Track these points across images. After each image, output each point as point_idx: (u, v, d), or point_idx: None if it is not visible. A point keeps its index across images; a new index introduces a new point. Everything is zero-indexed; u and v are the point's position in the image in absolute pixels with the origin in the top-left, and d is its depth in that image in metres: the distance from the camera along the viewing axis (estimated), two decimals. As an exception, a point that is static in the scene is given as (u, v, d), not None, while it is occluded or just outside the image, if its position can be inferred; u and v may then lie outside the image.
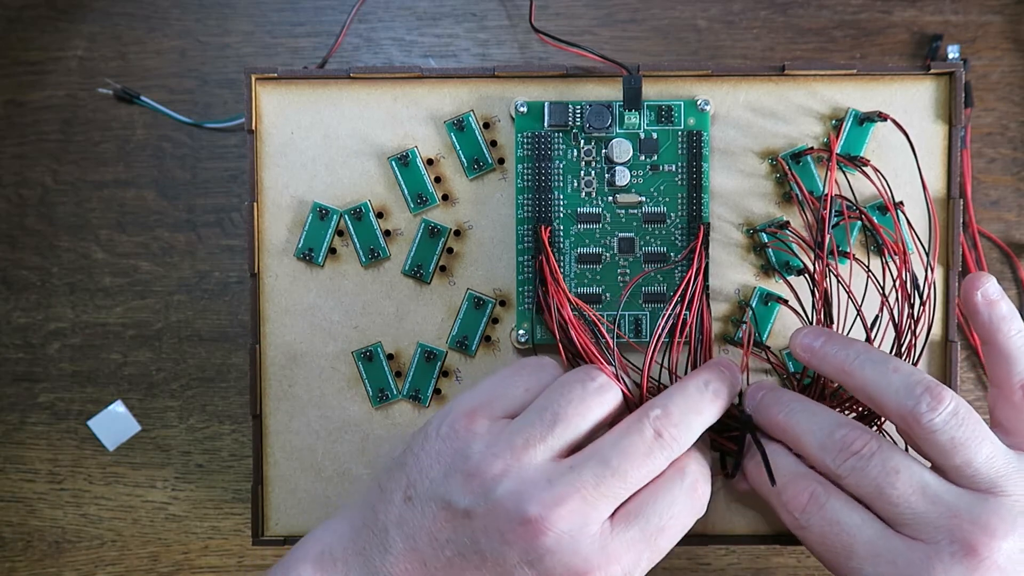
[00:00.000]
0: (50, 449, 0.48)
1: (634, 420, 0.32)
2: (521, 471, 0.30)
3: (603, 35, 0.49)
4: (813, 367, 0.34)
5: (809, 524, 0.31)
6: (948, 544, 0.29)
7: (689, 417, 0.32)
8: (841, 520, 0.31)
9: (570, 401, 0.32)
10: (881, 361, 0.32)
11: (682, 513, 0.31)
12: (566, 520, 0.29)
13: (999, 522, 0.29)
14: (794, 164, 0.39)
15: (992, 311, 0.33)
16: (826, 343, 0.33)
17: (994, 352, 0.33)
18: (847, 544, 0.31)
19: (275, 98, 0.40)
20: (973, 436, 0.30)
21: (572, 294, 0.39)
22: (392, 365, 0.40)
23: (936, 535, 0.29)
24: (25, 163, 0.49)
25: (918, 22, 0.48)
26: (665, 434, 0.31)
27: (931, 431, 0.30)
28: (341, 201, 0.40)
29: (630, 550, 0.30)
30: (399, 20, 0.49)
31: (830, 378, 0.34)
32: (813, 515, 0.31)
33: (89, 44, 0.49)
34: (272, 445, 0.40)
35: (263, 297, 0.40)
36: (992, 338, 0.33)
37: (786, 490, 0.32)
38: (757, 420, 0.34)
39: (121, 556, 0.48)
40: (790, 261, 0.39)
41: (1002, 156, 0.48)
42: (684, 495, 0.31)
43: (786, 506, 0.32)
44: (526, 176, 0.39)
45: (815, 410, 0.33)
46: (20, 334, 0.49)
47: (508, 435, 0.31)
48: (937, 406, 0.30)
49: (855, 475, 0.31)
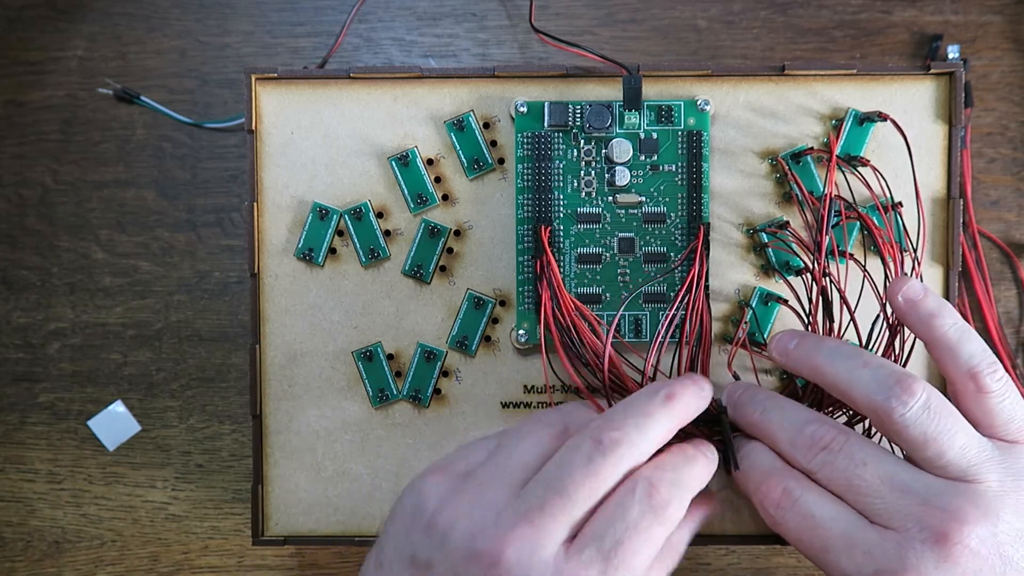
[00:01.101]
0: (50, 449, 0.48)
1: (576, 435, 0.31)
2: (473, 511, 0.30)
3: (603, 35, 0.49)
4: (789, 369, 0.34)
5: (784, 520, 0.32)
6: (918, 532, 0.29)
7: (634, 421, 0.31)
8: (815, 514, 0.31)
9: (520, 439, 0.32)
10: (851, 356, 0.32)
11: (639, 523, 0.29)
12: (516, 549, 0.29)
13: (971, 508, 0.29)
14: (794, 164, 0.39)
15: (919, 310, 0.32)
16: (799, 344, 0.34)
17: (935, 349, 0.32)
18: (823, 537, 0.31)
19: (275, 98, 0.40)
20: (945, 429, 0.30)
21: (572, 294, 0.39)
22: (392, 365, 0.40)
23: (906, 523, 0.29)
24: (25, 163, 0.49)
25: (918, 22, 0.48)
26: (605, 439, 0.30)
27: (903, 426, 0.30)
28: (341, 201, 0.40)
29: (587, 571, 0.29)
30: (399, 20, 0.49)
31: (805, 378, 0.34)
32: (787, 511, 0.31)
33: (89, 44, 0.49)
34: (272, 445, 0.40)
35: (263, 297, 0.40)
36: (929, 335, 0.32)
37: (760, 487, 0.32)
38: (735, 420, 0.35)
39: (121, 556, 0.48)
40: (790, 261, 0.39)
41: (1002, 156, 0.48)
42: (638, 504, 0.29)
43: (761, 503, 0.32)
44: (526, 176, 0.39)
45: (787, 407, 0.33)
46: (20, 334, 0.49)
47: (463, 482, 0.31)
48: (908, 400, 0.30)
49: (825, 469, 0.31)
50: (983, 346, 0.32)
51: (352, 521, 0.40)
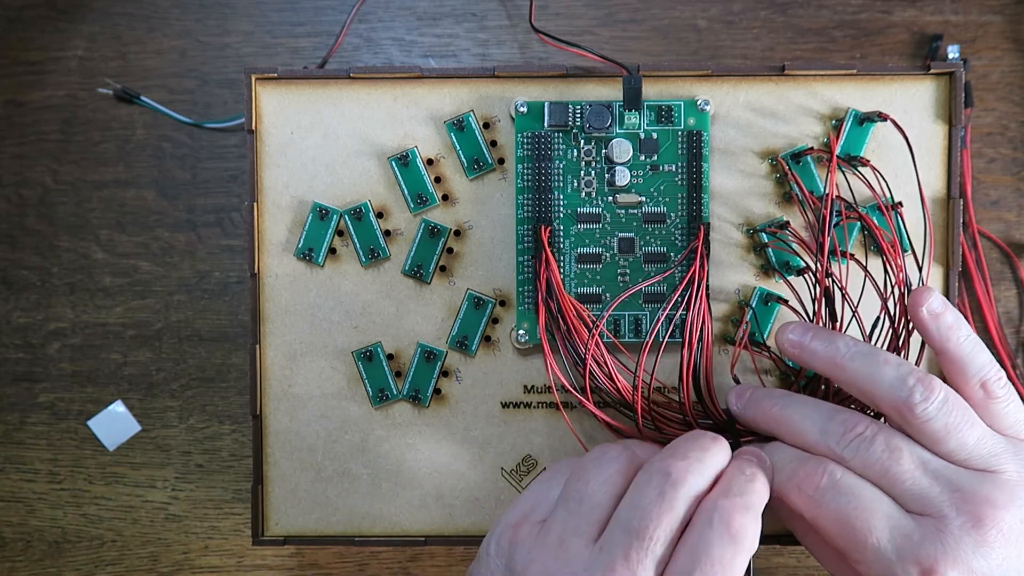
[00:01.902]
0: (50, 449, 0.48)
1: (642, 473, 0.32)
2: (559, 568, 0.30)
3: (603, 35, 0.49)
4: (802, 362, 0.34)
5: (827, 502, 0.31)
6: (956, 517, 0.30)
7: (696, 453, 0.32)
8: (860, 494, 0.31)
9: (587, 481, 0.32)
10: (871, 354, 0.32)
11: (723, 557, 0.30)
12: None
13: (999, 494, 0.30)
14: (794, 164, 0.39)
15: (939, 323, 0.33)
16: (814, 338, 0.34)
17: (948, 360, 0.33)
18: (866, 519, 0.31)
19: (275, 98, 0.40)
20: (964, 421, 0.31)
21: (572, 294, 0.39)
22: (392, 365, 0.40)
23: (943, 509, 0.30)
24: (25, 163, 0.49)
25: (918, 22, 0.48)
26: (673, 471, 0.31)
27: (926, 419, 0.31)
28: (341, 201, 0.40)
29: None
30: (399, 20, 0.49)
31: (820, 372, 0.34)
32: (828, 492, 0.31)
33: (89, 44, 0.49)
34: (272, 445, 0.40)
35: (263, 297, 0.40)
36: (944, 347, 0.33)
37: (798, 474, 0.32)
38: (747, 415, 0.35)
39: (121, 556, 0.48)
40: (790, 261, 0.39)
41: (1002, 156, 0.48)
42: (717, 536, 0.30)
43: (799, 486, 0.32)
44: (526, 176, 0.39)
45: (808, 401, 0.34)
46: (20, 334, 0.49)
47: (543, 535, 0.32)
48: (929, 395, 0.31)
49: (860, 456, 0.31)
50: (990, 356, 0.33)
51: (352, 521, 0.40)
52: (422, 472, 0.40)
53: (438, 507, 0.40)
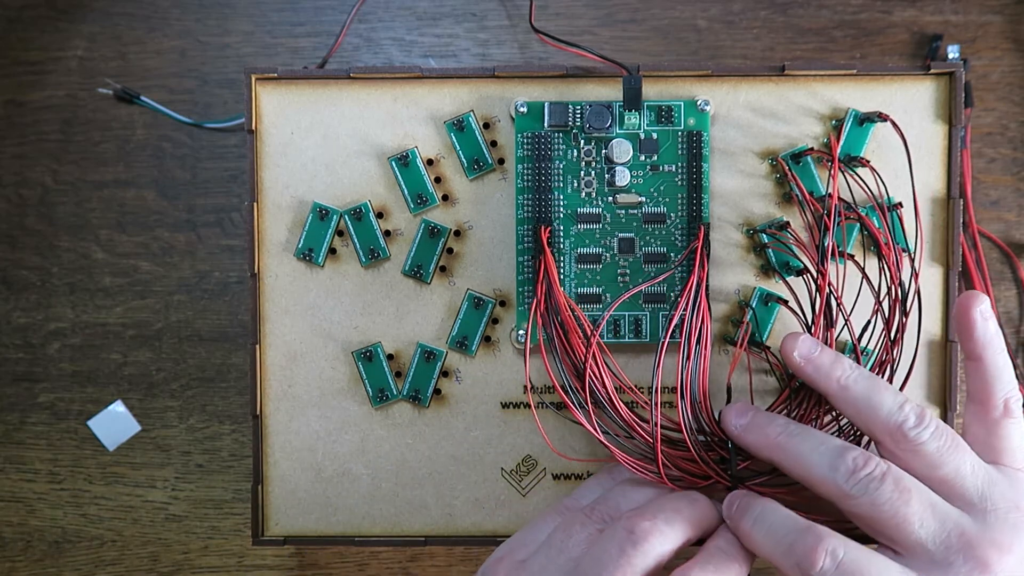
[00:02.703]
0: (50, 449, 0.48)
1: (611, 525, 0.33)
2: None
3: (603, 35, 0.49)
4: (805, 376, 0.34)
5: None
6: (963, 563, 0.30)
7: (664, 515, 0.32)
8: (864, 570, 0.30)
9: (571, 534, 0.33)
10: (872, 379, 0.33)
11: None
12: None
13: (1003, 537, 0.30)
14: (794, 164, 0.39)
15: (986, 329, 0.34)
16: (822, 353, 0.34)
17: (980, 368, 0.34)
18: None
19: (275, 98, 0.40)
20: (956, 449, 0.31)
21: (572, 295, 0.39)
22: (392, 365, 0.40)
23: (949, 555, 0.30)
24: (25, 163, 0.49)
25: (918, 22, 0.48)
26: (636, 530, 0.31)
27: (919, 443, 0.31)
28: (341, 201, 0.40)
29: None
30: (399, 20, 0.49)
31: (820, 389, 0.34)
32: (830, 572, 0.30)
33: (89, 44, 0.49)
34: (272, 445, 0.40)
35: (263, 297, 0.40)
36: (982, 355, 0.34)
37: (795, 549, 0.31)
38: (748, 439, 0.34)
39: (121, 556, 0.48)
40: (790, 261, 0.39)
41: (1002, 156, 0.48)
42: None
43: (799, 565, 0.30)
44: (526, 176, 0.39)
45: (815, 433, 0.33)
46: (20, 334, 0.49)
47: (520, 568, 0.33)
48: (921, 421, 0.31)
49: (870, 495, 0.30)
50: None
51: (352, 521, 0.40)
52: (422, 472, 0.40)
53: (438, 507, 0.40)
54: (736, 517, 0.33)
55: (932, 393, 0.40)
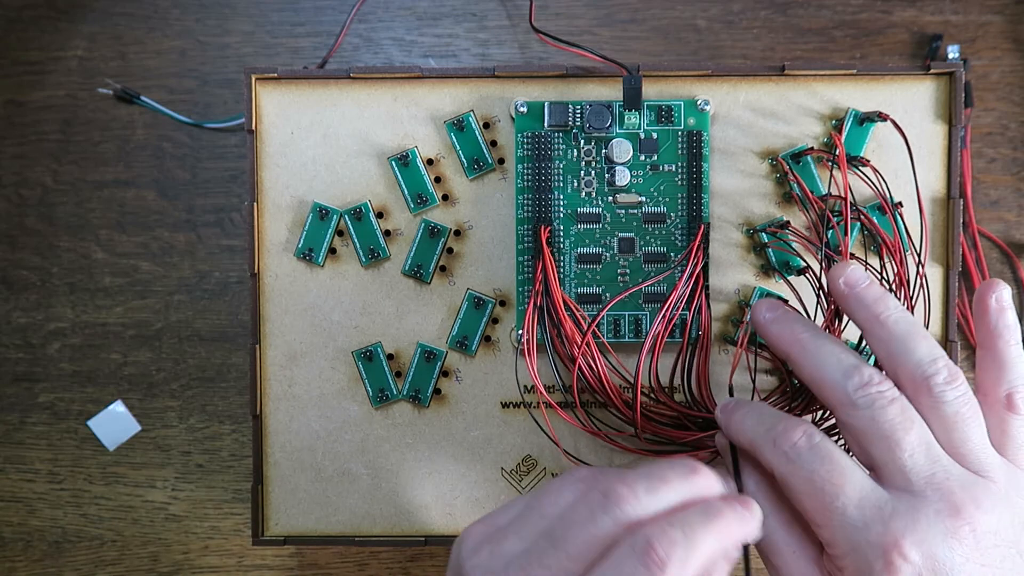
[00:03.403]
0: (50, 449, 0.48)
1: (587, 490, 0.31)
2: (490, 561, 0.30)
3: (603, 35, 0.49)
4: (847, 305, 0.33)
5: (799, 460, 0.30)
6: (936, 501, 0.29)
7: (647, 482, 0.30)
8: (836, 459, 0.30)
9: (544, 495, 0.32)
10: (914, 323, 0.32)
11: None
12: None
13: (985, 499, 0.30)
14: (794, 164, 0.39)
15: (1000, 317, 0.33)
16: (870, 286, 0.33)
17: (989, 358, 0.33)
18: (836, 483, 0.30)
19: (275, 98, 0.40)
20: (973, 417, 0.31)
21: (572, 294, 0.39)
22: (392, 365, 0.40)
23: (926, 490, 0.30)
24: (25, 163, 0.49)
25: (918, 22, 0.48)
26: (612, 494, 0.29)
27: (940, 401, 0.31)
28: (341, 201, 0.40)
29: None
30: (399, 20, 0.49)
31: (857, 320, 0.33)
32: (804, 451, 0.31)
33: (89, 44, 0.49)
34: (272, 445, 0.40)
35: (263, 297, 0.40)
36: (992, 344, 0.33)
37: (775, 427, 0.31)
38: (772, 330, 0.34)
39: (121, 556, 0.48)
40: (790, 261, 0.39)
41: (1002, 156, 0.48)
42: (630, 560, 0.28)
43: (775, 440, 0.31)
44: (526, 176, 0.39)
45: (840, 343, 0.33)
46: (20, 334, 0.49)
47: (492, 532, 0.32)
48: (952, 381, 0.31)
49: (873, 411, 0.30)
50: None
51: (352, 521, 0.40)
52: (422, 472, 0.40)
53: (438, 507, 0.40)
54: (731, 410, 0.33)
55: (932, 393, 0.40)
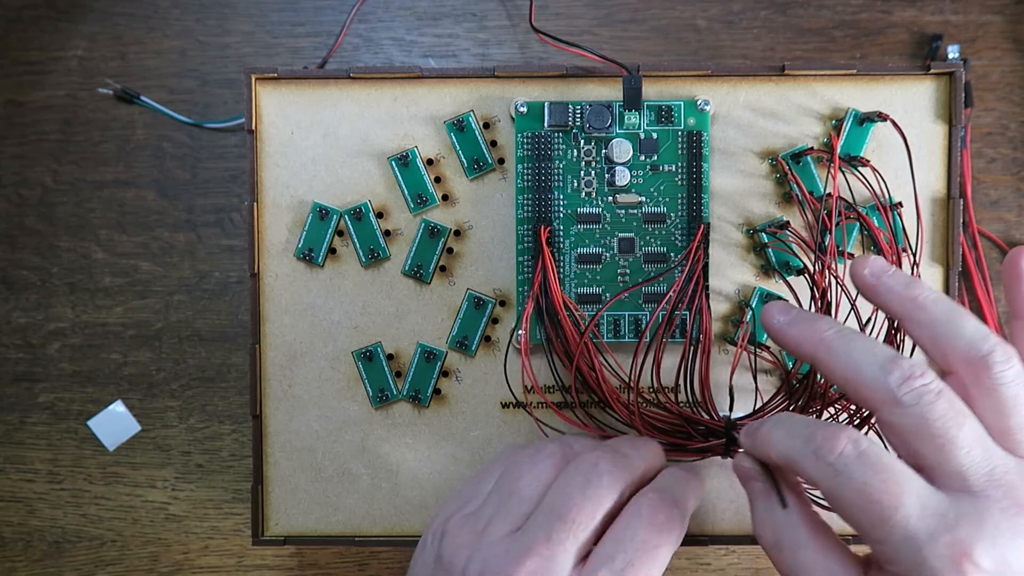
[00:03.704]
0: (50, 449, 0.48)
1: (571, 463, 0.32)
2: (483, 551, 0.31)
3: (603, 35, 0.49)
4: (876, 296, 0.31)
5: (848, 470, 0.27)
6: (1000, 499, 0.27)
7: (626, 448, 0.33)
8: (889, 465, 0.27)
9: (519, 477, 0.33)
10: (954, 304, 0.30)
11: (646, 544, 0.30)
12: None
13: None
14: (794, 164, 0.39)
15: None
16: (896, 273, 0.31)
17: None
18: (894, 493, 0.27)
19: (275, 98, 0.40)
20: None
21: (572, 295, 0.39)
22: (392, 365, 0.40)
23: (988, 489, 0.27)
24: (25, 163, 0.49)
25: (918, 22, 0.48)
26: (601, 462, 0.31)
27: (999, 383, 0.28)
28: (341, 201, 0.40)
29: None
30: (399, 20, 0.49)
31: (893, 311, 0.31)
32: (852, 460, 0.27)
33: (89, 44, 0.49)
34: (272, 445, 0.40)
35: (263, 297, 0.40)
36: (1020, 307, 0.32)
37: (815, 436, 0.28)
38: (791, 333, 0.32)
39: (121, 556, 0.48)
40: (790, 261, 0.39)
41: (1002, 156, 0.48)
42: (643, 525, 0.30)
43: (817, 452, 0.28)
44: (526, 176, 0.39)
45: (866, 336, 0.30)
46: (20, 334, 0.49)
47: (471, 524, 0.32)
48: (1009, 359, 0.28)
49: (922, 408, 0.28)
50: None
51: (352, 521, 0.40)
52: (422, 472, 0.40)
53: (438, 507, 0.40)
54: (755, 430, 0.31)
55: (932, 393, 0.40)
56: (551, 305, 0.37)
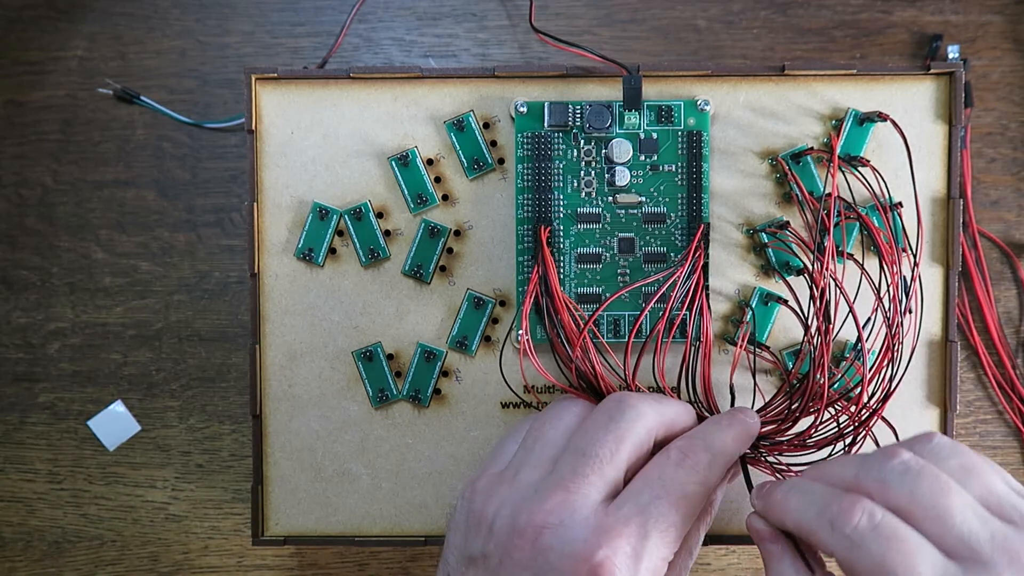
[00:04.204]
0: (50, 449, 0.48)
1: (597, 406, 0.33)
2: (512, 495, 0.32)
3: (603, 35, 0.49)
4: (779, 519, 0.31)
5: (864, 543, 0.28)
6: (1008, 564, 0.27)
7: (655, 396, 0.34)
8: (905, 537, 0.28)
9: (544, 429, 0.33)
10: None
11: (673, 482, 0.31)
12: (555, 514, 0.30)
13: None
14: (794, 164, 0.39)
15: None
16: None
17: None
18: (910, 565, 0.27)
19: (275, 98, 0.40)
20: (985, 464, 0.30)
21: (572, 294, 0.39)
22: (392, 365, 0.40)
23: (993, 556, 0.27)
24: (25, 163, 0.49)
25: (918, 22, 0.48)
26: (626, 400, 0.32)
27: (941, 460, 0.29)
28: (341, 201, 0.40)
29: (628, 524, 0.30)
30: (399, 20, 0.49)
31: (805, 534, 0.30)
32: (868, 533, 0.28)
33: (89, 44, 0.49)
34: (272, 445, 0.40)
35: (263, 297, 0.40)
36: None
37: (830, 507, 0.29)
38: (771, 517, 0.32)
39: (121, 556, 0.48)
40: (790, 261, 0.39)
41: (1002, 156, 0.48)
42: (671, 465, 0.31)
43: (833, 523, 0.29)
44: (526, 176, 0.39)
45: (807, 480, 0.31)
46: (20, 334, 0.49)
47: (499, 476, 0.33)
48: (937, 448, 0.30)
49: (908, 485, 0.28)
50: None
51: (352, 521, 0.40)
52: (422, 472, 0.40)
53: (438, 507, 0.40)
54: (767, 493, 0.32)
55: (932, 393, 0.40)
56: (552, 305, 0.37)
